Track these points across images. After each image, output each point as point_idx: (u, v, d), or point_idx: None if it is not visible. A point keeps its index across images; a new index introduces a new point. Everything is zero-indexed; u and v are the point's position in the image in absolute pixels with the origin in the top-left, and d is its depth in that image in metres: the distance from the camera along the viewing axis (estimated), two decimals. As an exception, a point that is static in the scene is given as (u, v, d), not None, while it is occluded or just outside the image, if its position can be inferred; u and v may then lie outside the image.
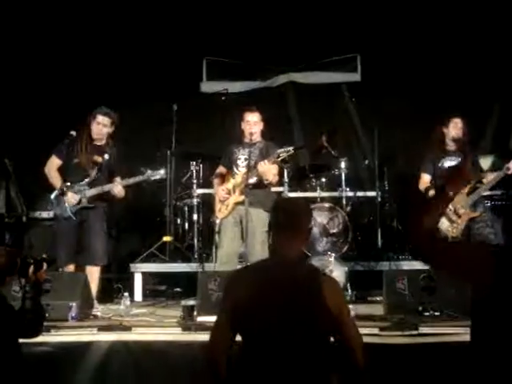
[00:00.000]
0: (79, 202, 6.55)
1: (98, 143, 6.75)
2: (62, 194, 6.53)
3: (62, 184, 6.58)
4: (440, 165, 7.11)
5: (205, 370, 3.23)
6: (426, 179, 7.18)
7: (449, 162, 7.06)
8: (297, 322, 3.06)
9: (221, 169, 7.11)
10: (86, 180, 6.62)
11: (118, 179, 6.73)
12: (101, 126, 6.67)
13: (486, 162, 7.43)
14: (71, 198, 6.54)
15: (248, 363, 3.10)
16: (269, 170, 6.64)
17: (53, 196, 6.64)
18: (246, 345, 3.15)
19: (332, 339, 3.21)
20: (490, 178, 6.93)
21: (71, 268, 6.57)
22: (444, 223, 6.77)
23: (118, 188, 6.65)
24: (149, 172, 6.77)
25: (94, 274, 6.58)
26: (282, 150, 6.64)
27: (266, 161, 6.59)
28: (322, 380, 3.09)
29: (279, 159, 6.71)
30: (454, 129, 7.08)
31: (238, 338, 3.21)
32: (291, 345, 3.04)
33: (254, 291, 3.11)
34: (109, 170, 6.77)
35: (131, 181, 6.77)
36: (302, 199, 3.34)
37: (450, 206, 6.72)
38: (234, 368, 3.13)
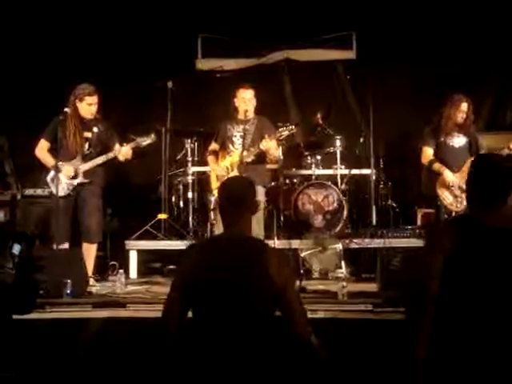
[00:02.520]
0: (75, 176, 6.58)
1: (86, 120, 6.76)
2: (57, 171, 6.54)
3: (55, 163, 6.58)
4: (443, 140, 7.09)
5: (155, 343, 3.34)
6: (429, 153, 7.13)
7: (454, 140, 7.04)
8: (243, 295, 3.17)
9: (214, 146, 7.12)
10: (79, 157, 6.64)
11: (117, 145, 6.76)
12: (93, 106, 6.72)
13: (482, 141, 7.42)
14: (67, 172, 6.58)
15: (197, 336, 3.20)
16: (272, 146, 6.66)
17: (48, 177, 6.68)
18: (196, 317, 3.26)
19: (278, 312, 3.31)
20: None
21: (66, 246, 6.60)
22: (448, 198, 6.82)
23: (121, 151, 6.70)
24: (139, 139, 6.78)
25: (90, 251, 6.63)
26: (284, 128, 6.67)
27: (267, 138, 6.60)
28: (267, 351, 3.17)
29: (281, 138, 6.74)
30: (460, 113, 7.03)
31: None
32: (237, 317, 3.15)
33: (203, 265, 3.23)
34: (102, 143, 6.81)
35: (123, 148, 6.78)
36: (245, 177, 3.50)
37: (455, 181, 6.74)
38: (184, 339, 3.24)
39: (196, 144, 8.43)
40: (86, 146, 6.73)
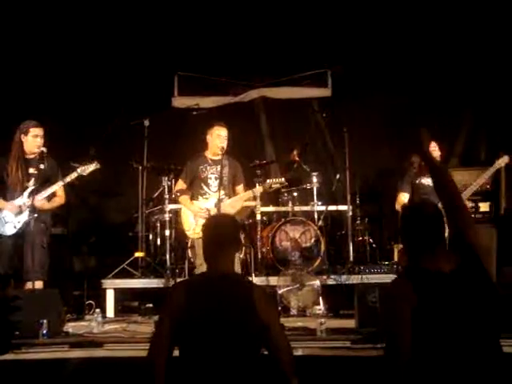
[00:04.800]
0: (20, 213, 6.52)
1: (31, 156, 6.70)
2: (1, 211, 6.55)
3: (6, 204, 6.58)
4: (418, 181, 7.40)
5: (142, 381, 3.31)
6: (403, 198, 7.39)
7: (429, 180, 7.00)
8: (230, 333, 3.20)
9: (183, 185, 7.06)
10: (25, 193, 6.58)
11: (60, 182, 6.67)
12: (38, 139, 6.65)
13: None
14: (12, 209, 6.53)
15: (184, 373, 3.20)
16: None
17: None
18: (183, 355, 3.26)
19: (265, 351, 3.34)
20: (468, 190, 7.14)
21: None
22: None
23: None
24: (81, 167, 6.69)
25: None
26: (276, 180, 6.75)
27: (256, 192, 6.69)
28: None
29: (271, 189, 6.81)
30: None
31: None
32: (225, 355, 3.17)
33: (189, 303, 3.24)
34: (47, 180, 6.70)
35: (67, 179, 6.70)
36: (230, 215, 3.57)
37: None
38: (172, 379, 3.22)
39: (173, 181, 8.42)
40: (32, 181, 6.63)
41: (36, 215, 6.53)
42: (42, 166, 6.61)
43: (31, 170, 6.68)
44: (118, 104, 9.13)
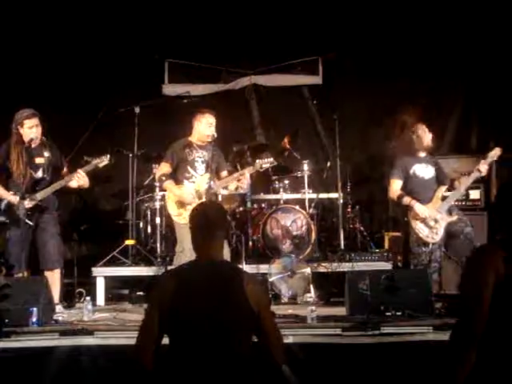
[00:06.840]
0: (32, 206, 6.44)
1: (33, 145, 6.56)
2: (11, 201, 6.41)
3: (7, 194, 6.47)
4: (412, 172, 6.93)
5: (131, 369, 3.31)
6: (397, 186, 6.93)
7: (422, 171, 6.96)
8: (220, 321, 3.18)
9: (168, 169, 6.93)
10: (33, 183, 6.50)
11: (79, 170, 6.51)
12: (34, 129, 6.50)
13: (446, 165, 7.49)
14: (23, 205, 6.41)
15: (173, 362, 3.19)
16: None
17: (2, 205, 6.47)
18: (173, 344, 3.24)
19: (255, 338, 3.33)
20: (464, 181, 6.83)
21: (25, 274, 6.45)
22: (424, 230, 6.70)
23: (81, 180, 6.50)
24: (95, 160, 6.60)
25: (52, 278, 6.47)
26: (266, 160, 6.69)
27: (247, 172, 6.65)
28: (244, 377, 3.18)
29: (262, 169, 6.77)
30: (425, 134, 6.98)
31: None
32: (215, 343, 3.15)
33: (179, 292, 3.23)
34: (53, 167, 6.63)
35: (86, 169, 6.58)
36: (217, 203, 3.53)
37: (428, 213, 6.68)
38: (161, 367, 3.21)
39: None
40: (40, 172, 6.55)
41: (45, 205, 6.50)
42: (46, 154, 6.59)
43: (38, 160, 6.57)
44: (107, 91, 9.08)
